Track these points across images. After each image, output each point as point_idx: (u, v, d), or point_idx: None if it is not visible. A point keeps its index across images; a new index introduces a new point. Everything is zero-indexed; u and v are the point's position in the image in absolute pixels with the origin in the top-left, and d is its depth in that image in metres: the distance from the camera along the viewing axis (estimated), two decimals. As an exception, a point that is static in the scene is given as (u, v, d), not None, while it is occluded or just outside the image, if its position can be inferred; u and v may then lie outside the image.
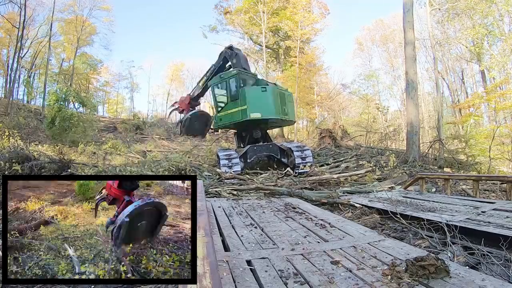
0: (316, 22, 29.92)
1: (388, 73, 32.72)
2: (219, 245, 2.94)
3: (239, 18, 30.19)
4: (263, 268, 2.34)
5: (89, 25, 31.00)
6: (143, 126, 23.76)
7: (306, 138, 27.74)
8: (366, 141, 19.81)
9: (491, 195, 6.46)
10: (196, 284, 1.24)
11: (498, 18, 18.77)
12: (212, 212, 4.53)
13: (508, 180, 5.19)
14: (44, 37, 26.12)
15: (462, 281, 2.01)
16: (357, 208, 5.07)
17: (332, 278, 2.12)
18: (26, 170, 6.66)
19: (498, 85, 18.87)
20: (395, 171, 9.68)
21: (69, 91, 15.65)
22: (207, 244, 1.56)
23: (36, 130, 16.95)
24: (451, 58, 25.34)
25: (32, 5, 24.87)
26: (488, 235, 3.06)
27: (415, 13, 14.98)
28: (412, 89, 12.00)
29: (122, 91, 44.51)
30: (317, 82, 32.89)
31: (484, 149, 13.27)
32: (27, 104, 25.87)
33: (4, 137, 11.14)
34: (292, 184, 7.85)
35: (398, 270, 2.10)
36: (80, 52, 31.95)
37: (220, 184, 8.04)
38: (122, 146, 16.63)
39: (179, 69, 43.88)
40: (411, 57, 12.05)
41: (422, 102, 25.12)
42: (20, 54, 22.67)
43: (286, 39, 30.20)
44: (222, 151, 10.41)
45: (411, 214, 4.13)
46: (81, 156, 12.56)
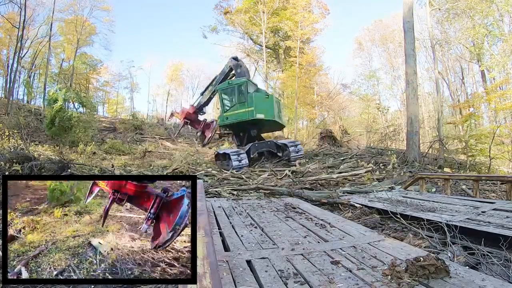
0: (316, 22, 29.93)
1: (388, 73, 32.72)
2: (219, 245, 2.94)
3: (239, 18, 30.20)
4: (263, 268, 2.33)
5: (89, 25, 31.00)
6: (143, 126, 23.77)
7: (306, 138, 27.74)
8: (366, 141, 19.82)
9: (491, 195, 6.45)
10: (196, 284, 1.24)
11: (498, 18, 18.75)
12: (212, 212, 4.53)
13: (508, 180, 5.19)
14: (44, 37, 26.12)
15: (462, 281, 2.01)
16: (357, 208, 5.06)
17: (332, 278, 2.12)
18: (26, 170, 6.66)
19: (498, 85, 18.85)
20: (395, 171, 9.69)
21: (69, 91, 15.64)
22: (207, 244, 1.56)
23: (36, 130, 16.95)
24: (451, 58, 25.33)
25: (32, 5, 24.90)
26: (488, 235, 3.06)
27: (415, 13, 14.98)
28: (412, 89, 12.00)
29: (122, 91, 44.38)
30: (317, 82, 32.88)
31: (484, 149, 13.26)
32: (27, 104, 25.87)
33: (4, 137, 11.15)
34: (292, 184, 7.86)
35: (398, 270, 2.10)
36: (80, 52, 31.96)
37: (220, 184, 8.05)
38: (122, 146, 16.63)
39: (178, 69, 43.87)
40: (411, 57, 12.05)
41: (422, 102, 25.11)
42: (20, 54, 22.69)
43: (286, 39, 30.21)
44: (229, 150, 12.42)
45: (411, 214, 4.12)
46: (81, 156, 12.57)
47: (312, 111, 32.08)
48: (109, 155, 14.85)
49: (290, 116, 32.43)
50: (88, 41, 32.33)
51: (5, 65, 27.04)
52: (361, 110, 32.94)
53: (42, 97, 25.96)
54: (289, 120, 34.30)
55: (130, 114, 31.96)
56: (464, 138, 14.77)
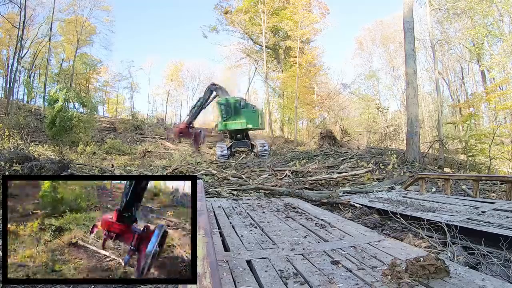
0: (316, 22, 29.95)
1: (388, 73, 32.68)
2: (219, 245, 2.94)
3: (239, 18, 30.21)
4: (263, 268, 2.33)
5: (89, 25, 30.97)
6: (143, 126, 23.79)
7: (306, 138, 27.75)
8: (366, 141, 19.87)
9: (491, 195, 6.45)
10: (196, 284, 1.24)
11: (498, 18, 18.74)
12: (212, 212, 4.53)
13: (508, 180, 5.19)
14: (44, 37, 26.10)
15: (462, 281, 2.01)
16: (357, 208, 5.06)
17: (332, 278, 2.12)
18: (26, 170, 6.66)
19: (498, 85, 18.85)
20: (395, 171, 9.68)
21: (70, 91, 15.64)
22: (207, 244, 1.56)
23: (36, 130, 16.95)
24: (451, 58, 25.31)
25: (32, 5, 24.86)
26: (488, 235, 3.06)
27: (415, 13, 14.97)
28: (412, 89, 11.99)
29: (122, 91, 44.23)
30: (317, 82, 32.89)
31: (484, 149, 13.26)
32: (27, 104, 25.86)
33: (4, 137, 11.15)
34: (292, 184, 7.86)
35: (398, 270, 2.10)
36: (80, 52, 31.92)
37: (220, 184, 8.05)
38: (122, 146, 16.63)
39: (178, 69, 43.78)
40: (411, 57, 12.04)
41: (422, 102, 25.06)
42: (20, 54, 22.69)
43: (286, 39, 30.22)
44: (218, 143, 17.86)
45: (411, 214, 4.12)
46: (81, 156, 12.57)
47: (312, 111, 32.09)
48: (109, 155, 14.86)
49: (290, 116, 32.46)
50: (88, 41, 32.28)
51: (5, 65, 27.01)
52: (361, 110, 32.91)
53: (42, 97, 25.98)
54: (289, 120, 34.34)
55: (130, 114, 31.96)
56: (464, 138, 14.77)
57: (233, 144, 17.63)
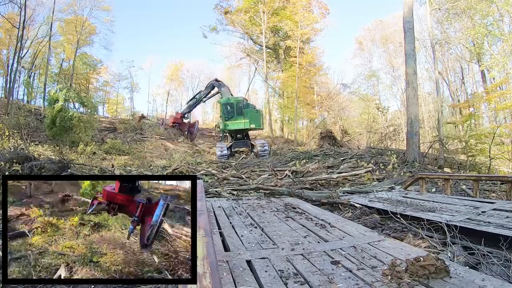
0: (316, 22, 29.95)
1: (388, 73, 32.68)
2: (219, 245, 2.94)
3: (239, 18, 30.21)
4: (263, 268, 2.33)
5: (89, 25, 30.96)
6: (143, 126, 23.80)
7: (306, 138, 27.76)
8: (366, 141, 19.89)
9: (491, 195, 6.45)
10: (196, 284, 1.24)
11: (498, 18, 18.74)
12: (212, 212, 4.53)
13: (508, 180, 5.19)
14: (44, 37, 26.06)
15: (462, 281, 2.01)
16: (357, 208, 5.06)
17: (332, 278, 2.12)
18: (26, 170, 6.67)
19: (498, 85, 18.84)
20: (395, 171, 9.68)
21: (70, 91, 15.64)
22: (207, 244, 1.56)
23: (36, 130, 16.95)
24: (451, 58, 25.32)
25: (32, 5, 24.84)
26: (488, 235, 3.06)
27: (415, 13, 14.97)
28: (412, 89, 11.99)
29: (122, 91, 44.23)
30: (317, 82, 32.88)
31: (484, 149, 13.26)
32: (27, 104, 25.84)
33: (4, 137, 11.15)
34: (292, 184, 7.86)
35: (398, 270, 2.10)
36: (80, 52, 31.90)
37: (220, 184, 8.05)
38: (122, 146, 16.64)
39: (178, 69, 43.80)
40: (411, 57, 12.04)
41: (422, 102, 25.07)
42: (20, 54, 22.66)
43: (286, 39, 30.22)
44: (218, 143, 17.52)
45: (411, 214, 4.12)
46: (81, 156, 12.57)
47: (312, 111, 32.08)
48: (109, 155, 14.86)
49: (290, 116, 32.45)
50: (88, 41, 32.27)
51: (5, 65, 27.00)
52: (361, 110, 32.91)
53: (42, 97, 25.96)
54: (289, 120, 34.35)
55: (130, 114, 31.94)
56: (464, 138, 14.78)
57: (233, 144, 17.63)
